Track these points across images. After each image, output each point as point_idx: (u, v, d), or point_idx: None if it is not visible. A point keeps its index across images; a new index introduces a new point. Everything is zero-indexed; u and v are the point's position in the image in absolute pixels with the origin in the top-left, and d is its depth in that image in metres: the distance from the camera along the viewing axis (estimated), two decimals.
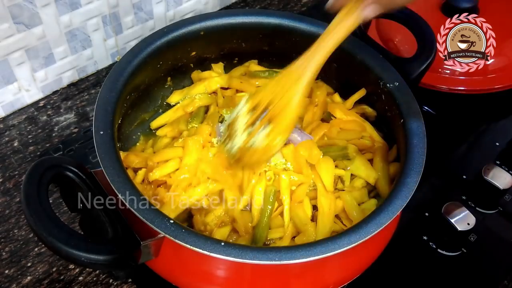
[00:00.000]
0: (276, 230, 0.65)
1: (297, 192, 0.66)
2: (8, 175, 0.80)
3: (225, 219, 0.65)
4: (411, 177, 0.59)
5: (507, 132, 0.91)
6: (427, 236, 0.76)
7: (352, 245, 0.52)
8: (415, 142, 0.62)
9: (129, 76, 0.67)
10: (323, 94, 0.77)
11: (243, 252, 0.51)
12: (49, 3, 0.80)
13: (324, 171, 0.67)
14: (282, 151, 0.68)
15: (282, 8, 1.13)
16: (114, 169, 0.56)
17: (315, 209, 0.66)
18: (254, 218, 0.64)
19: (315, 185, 0.67)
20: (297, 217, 0.65)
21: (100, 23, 0.90)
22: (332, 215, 0.65)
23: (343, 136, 0.73)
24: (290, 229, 0.64)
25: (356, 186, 0.69)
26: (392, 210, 0.56)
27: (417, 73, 0.70)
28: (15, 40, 0.80)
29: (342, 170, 0.70)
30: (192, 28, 0.74)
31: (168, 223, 0.52)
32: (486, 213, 0.79)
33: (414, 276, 0.73)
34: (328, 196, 0.66)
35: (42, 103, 0.91)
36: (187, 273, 0.59)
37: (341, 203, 0.66)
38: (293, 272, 0.58)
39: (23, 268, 0.71)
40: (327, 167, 0.67)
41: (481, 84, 0.91)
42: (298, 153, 0.68)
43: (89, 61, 0.94)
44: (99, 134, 0.59)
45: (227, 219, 0.65)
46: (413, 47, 0.72)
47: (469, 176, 0.83)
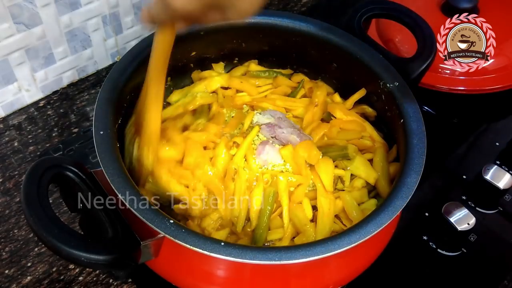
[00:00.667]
0: (276, 231, 0.65)
1: (296, 193, 0.66)
2: (8, 175, 0.80)
3: (223, 222, 0.65)
4: (411, 177, 0.59)
5: (507, 132, 0.91)
6: (427, 236, 0.76)
7: (352, 245, 0.52)
8: (415, 142, 0.62)
9: (129, 76, 0.67)
10: (323, 94, 0.77)
11: (243, 252, 0.51)
12: (49, 3, 0.80)
13: (323, 172, 0.67)
14: (280, 152, 0.68)
15: (282, 8, 1.13)
16: (114, 169, 0.56)
17: (315, 209, 0.66)
18: (253, 220, 0.64)
19: (314, 185, 0.67)
20: (296, 218, 0.65)
21: (100, 23, 0.90)
22: (332, 215, 0.65)
23: (343, 136, 0.73)
24: (290, 229, 0.64)
25: (356, 186, 0.69)
26: (392, 210, 0.56)
27: (417, 73, 0.70)
28: (15, 40, 0.80)
29: (342, 170, 0.70)
30: (192, 28, 0.74)
31: (168, 223, 0.52)
32: (486, 213, 0.79)
33: (414, 276, 0.73)
34: (327, 196, 0.66)
35: (42, 103, 0.91)
36: (187, 273, 0.60)
37: (341, 203, 0.66)
38: (293, 272, 0.58)
39: (23, 268, 0.71)
40: (326, 168, 0.68)
41: (481, 84, 0.91)
42: (297, 154, 0.68)
43: (89, 61, 0.94)
44: (99, 134, 0.59)
45: (225, 222, 0.65)
46: (413, 47, 0.72)
47: (469, 176, 0.83)
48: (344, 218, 0.66)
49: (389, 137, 0.73)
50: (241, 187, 0.65)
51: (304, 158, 0.68)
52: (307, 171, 0.67)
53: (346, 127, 0.74)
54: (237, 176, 0.66)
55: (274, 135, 0.70)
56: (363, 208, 0.66)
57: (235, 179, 0.66)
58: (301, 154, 0.68)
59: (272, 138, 0.70)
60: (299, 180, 0.67)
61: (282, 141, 0.70)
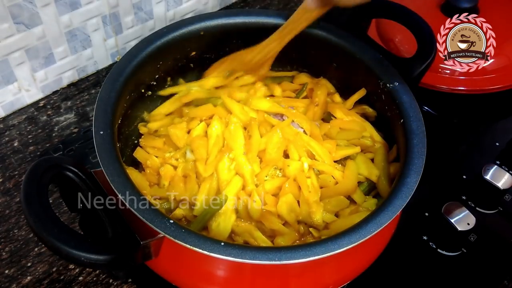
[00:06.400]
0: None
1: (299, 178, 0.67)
2: (8, 175, 0.80)
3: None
4: (411, 176, 0.59)
5: (507, 132, 0.91)
6: (427, 236, 0.76)
7: (352, 245, 0.52)
8: (415, 142, 0.62)
9: (129, 76, 0.67)
10: (323, 94, 0.77)
11: (243, 252, 0.51)
12: (49, 3, 0.80)
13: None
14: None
15: (282, 8, 1.13)
16: (114, 169, 0.56)
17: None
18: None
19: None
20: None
21: (100, 23, 0.90)
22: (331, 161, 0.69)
23: (343, 136, 0.73)
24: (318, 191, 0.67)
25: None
26: (392, 210, 0.56)
27: (417, 73, 0.70)
28: (15, 40, 0.80)
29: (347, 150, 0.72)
30: (192, 28, 0.74)
31: (168, 223, 0.52)
32: (486, 213, 0.79)
33: (414, 276, 0.73)
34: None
35: (42, 103, 0.91)
36: (187, 273, 0.60)
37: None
38: (293, 272, 0.58)
39: (23, 268, 0.71)
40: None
41: (481, 84, 0.91)
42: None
43: (89, 61, 0.94)
44: (99, 134, 0.59)
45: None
46: (413, 47, 0.72)
47: (469, 176, 0.83)
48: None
49: (389, 137, 0.73)
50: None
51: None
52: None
53: (346, 127, 0.74)
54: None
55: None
56: (363, 207, 0.66)
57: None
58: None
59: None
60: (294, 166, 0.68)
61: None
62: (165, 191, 0.67)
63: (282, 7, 1.13)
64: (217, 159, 0.67)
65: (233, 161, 0.67)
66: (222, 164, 0.67)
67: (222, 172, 0.66)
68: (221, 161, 0.67)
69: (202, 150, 0.68)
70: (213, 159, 0.67)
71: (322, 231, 0.65)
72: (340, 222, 0.65)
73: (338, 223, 0.65)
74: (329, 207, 0.66)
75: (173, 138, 0.71)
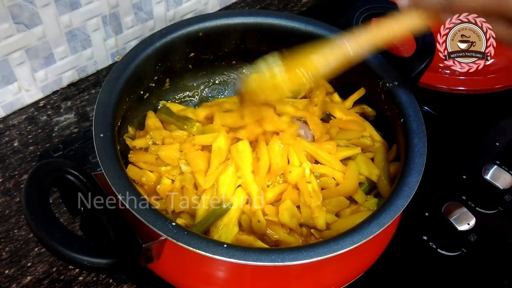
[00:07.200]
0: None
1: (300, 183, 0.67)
2: (8, 175, 0.80)
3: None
4: (412, 176, 0.59)
5: (507, 132, 0.91)
6: (427, 236, 0.76)
7: (355, 245, 0.52)
8: (416, 141, 0.62)
9: (128, 78, 0.67)
10: (322, 94, 0.77)
11: (246, 253, 0.51)
12: (49, 3, 0.80)
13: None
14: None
15: (282, 8, 1.13)
16: (115, 171, 0.56)
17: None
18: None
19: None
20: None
21: (100, 23, 0.90)
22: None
23: (343, 136, 0.73)
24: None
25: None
26: (394, 210, 0.56)
27: (416, 72, 0.70)
28: (15, 40, 0.80)
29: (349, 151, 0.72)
30: (191, 30, 0.74)
31: (170, 225, 0.52)
32: (486, 213, 0.79)
33: (414, 276, 0.73)
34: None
35: (42, 103, 0.90)
36: (189, 275, 0.60)
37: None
38: (295, 273, 0.58)
39: (23, 268, 0.71)
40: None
41: (481, 84, 0.91)
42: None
43: (89, 61, 0.94)
44: (99, 136, 0.59)
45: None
46: (412, 47, 0.72)
47: (469, 176, 0.83)
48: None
49: (388, 136, 0.73)
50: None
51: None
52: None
53: (345, 126, 0.74)
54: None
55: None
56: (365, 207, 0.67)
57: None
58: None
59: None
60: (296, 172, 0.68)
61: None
62: (163, 203, 0.66)
63: (282, 7, 1.13)
64: (219, 171, 0.66)
65: (238, 179, 0.67)
66: (224, 176, 0.66)
67: (224, 184, 0.66)
68: (224, 173, 0.66)
69: (199, 161, 0.67)
70: (214, 170, 0.66)
71: (324, 232, 0.65)
72: (341, 222, 0.66)
73: (339, 223, 0.66)
74: (329, 208, 0.66)
75: (166, 160, 0.69)
